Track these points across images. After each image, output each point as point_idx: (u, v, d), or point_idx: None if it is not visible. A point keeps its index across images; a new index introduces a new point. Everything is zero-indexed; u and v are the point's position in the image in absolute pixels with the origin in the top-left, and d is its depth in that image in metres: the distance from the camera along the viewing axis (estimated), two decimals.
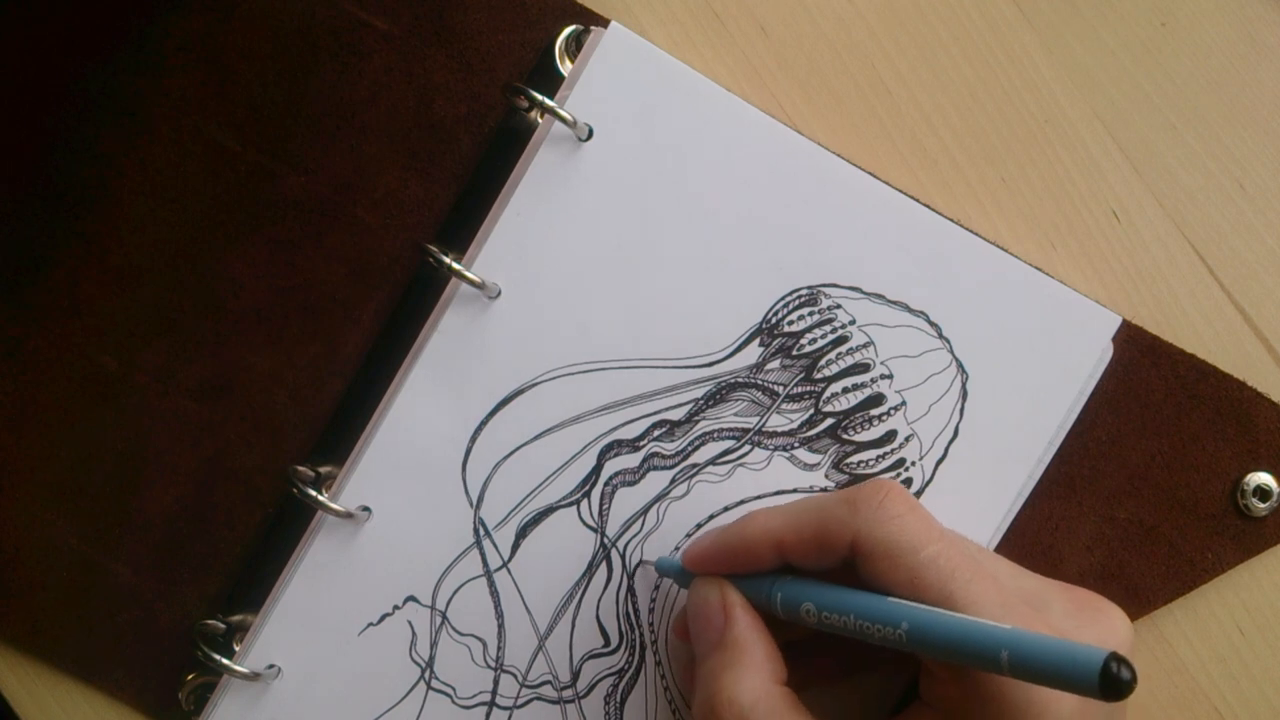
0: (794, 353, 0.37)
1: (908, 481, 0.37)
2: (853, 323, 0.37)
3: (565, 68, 0.37)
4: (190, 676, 0.38)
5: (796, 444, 0.37)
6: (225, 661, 0.37)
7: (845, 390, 0.37)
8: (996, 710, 0.29)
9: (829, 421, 0.37)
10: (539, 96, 0.35)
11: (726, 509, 0.37)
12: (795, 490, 0.37)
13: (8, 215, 0.37)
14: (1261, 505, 0.37)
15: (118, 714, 0.39)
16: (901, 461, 0.37)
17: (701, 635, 0.33)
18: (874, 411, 0.37)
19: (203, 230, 0.38)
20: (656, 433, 0.37)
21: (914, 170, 0.38)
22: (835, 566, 0.32)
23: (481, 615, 0.37)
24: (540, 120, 0.37)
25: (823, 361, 0.37)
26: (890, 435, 0.37)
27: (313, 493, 0.36)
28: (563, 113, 0.35)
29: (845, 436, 0.37)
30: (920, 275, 0.37)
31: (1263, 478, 0.37)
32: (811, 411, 0.37)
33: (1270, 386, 0.38)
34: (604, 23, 0.37)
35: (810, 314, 0.37)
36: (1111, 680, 0.25)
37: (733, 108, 0.36)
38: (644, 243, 0.37)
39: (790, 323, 0.37)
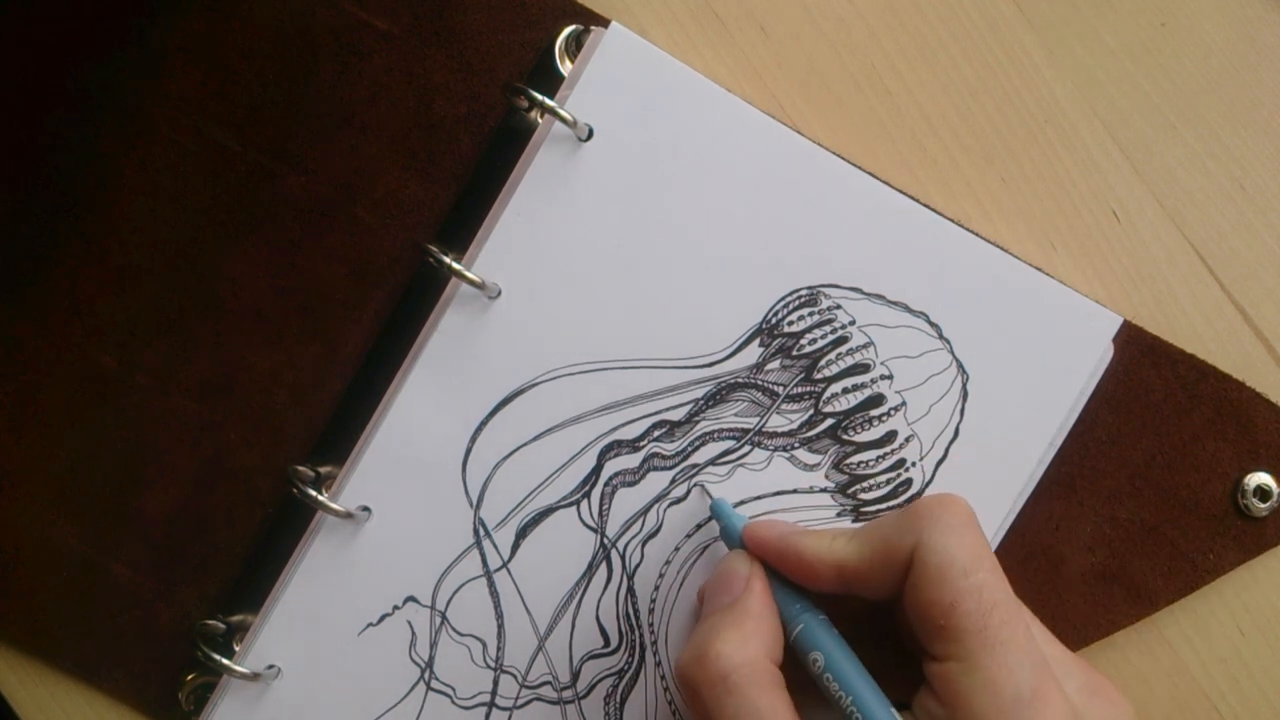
0: (794, 353, 0.37)
1: (907, 482, 0.37)
2: (853, 323, 0.37)
3: (565, 68, 0.37)
4: (190, 676, 0.38)
5: (796, 444, 0.37)
6: (225, 661, 0.37)
7: (845, 391, 0.37)
8: None
9: (829, 422, 0.37)
10: (539, 96, 0.35)
11: None
12: (795, 491, 0.37)
13: (8, 215, 0.37)
14: (1262, 505, 0.37)
15: (118, 714, 0.39)
16: (902, 462, 0.37)
17: (714, 596, 0.33)
18: (874, 412, 0.37)
19: (203, 230, 0.38)
20: (656, 433, 0.37)
21: (914, 170, 0.38)
22: (895, 594, 0.31)
23: (481, 615, 0.37)
24: (540, 120, 0.37)
25: (823, 362, 0.37)
26: (890, 436, 0.37)
27: (313, 493, 0.36)
28: (563, 113, 0.35)
29: (845, 437, 0.37)
30: (920, 275, 0.37)
31: (1263, 478, 0.37)
32: (811, 412, 0.37)
33: (1270, 386, 0.38)
34: (604, 23, 0.37)
35: (810, 314, 0.37)
36: None
37: (733, 108, 0.36)
38: (644, 243, 0.37)
39: (790, 323, 0.37)
